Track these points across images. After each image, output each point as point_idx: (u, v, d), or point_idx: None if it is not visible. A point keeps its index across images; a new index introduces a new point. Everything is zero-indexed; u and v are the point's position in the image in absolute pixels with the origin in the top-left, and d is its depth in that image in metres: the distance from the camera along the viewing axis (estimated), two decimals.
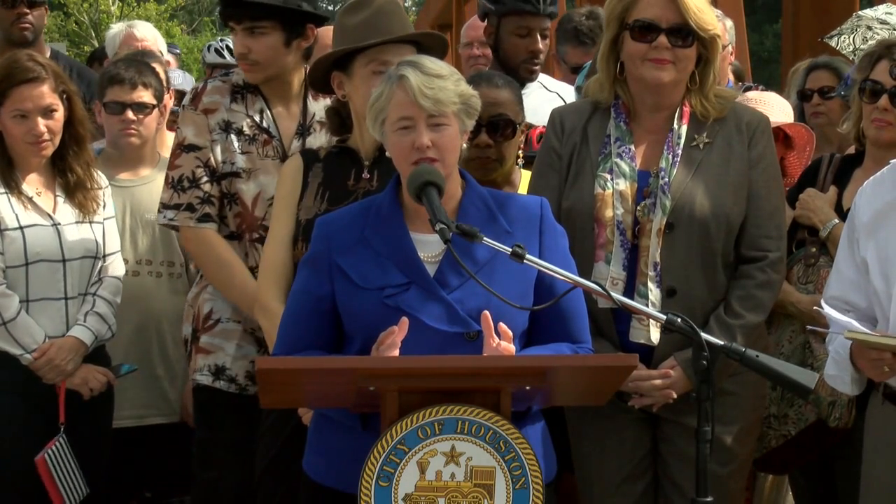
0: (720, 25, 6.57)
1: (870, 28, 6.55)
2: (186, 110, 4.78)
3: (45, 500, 4.70)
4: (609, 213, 4.03)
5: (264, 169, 4.68)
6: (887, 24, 6.55)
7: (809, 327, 4.08)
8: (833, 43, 6.63)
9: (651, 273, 4.00)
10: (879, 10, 6.72)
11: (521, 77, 5.59)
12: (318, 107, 4.71)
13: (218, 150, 4.70)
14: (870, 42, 6.30)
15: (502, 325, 3.39)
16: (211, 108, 4.73)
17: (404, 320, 3.39)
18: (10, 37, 6.64)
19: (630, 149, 4.10)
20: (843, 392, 4.00)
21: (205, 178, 4.71)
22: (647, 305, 3.92)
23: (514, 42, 5.67)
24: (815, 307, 4.09)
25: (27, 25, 6.74)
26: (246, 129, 4.71)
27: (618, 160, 4.08)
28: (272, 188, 4.58)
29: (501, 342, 3.38)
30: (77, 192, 4.83)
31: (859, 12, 6.84)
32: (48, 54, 6.85)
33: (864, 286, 3.89)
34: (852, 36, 6.56)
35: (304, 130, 4.69)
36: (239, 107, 4.73)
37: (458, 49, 6.91)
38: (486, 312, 3.39)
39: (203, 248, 4.75)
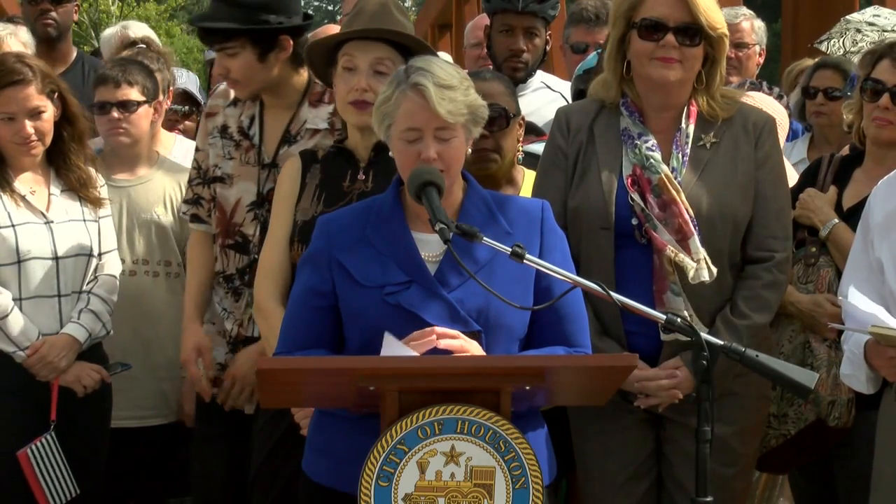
0: (748, 25, 6.61)
1: (859, 31, 6.56)
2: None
3: None
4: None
5: (244, 175, 4.68)
6: (875, 25, 6.55)
7: (831, 325, 4.07)
8: (823, 47, 6.65)
9: None
10: (867, 14, 6.73)
11: (505, 76, 5.58)
12: (315, 114, 4.66)
13: (212, 153, 4.75)
14: (860, 45, 6.31)
15: (436, 329, 3.38)
16: (211, 112, 4.81)
17: (433, 338, 3.38)
18: (34, 32, 6.67)
19: (655, 143, 4.08)
20: (860, 391, 4.00)
21: (197, 181, 4.81)
22: None
23: (499, 40, 5.68)
24: (840, 297, 4.07)
25: (50, 22, 6.79)
26: (235, 134, 4.73)
27: (649, 153, 4.05)
28: (250, 195, 4.61)
29: (451, 343, 3.37)
30: (84, 188, 4.84)
31: (847, 16, 6.85)
32: (74, 55, 6.90)
33: (878, 285, 3.89)
34: (842, 39, 6.57)
35: (289, 138, 4.65)
36: (235, 111, 4.75)
37: (464, 49, 6.91)
38: (433, 336, 3.37)
39: (188, 246, 4.94)
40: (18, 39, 6.01)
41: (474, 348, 3.42)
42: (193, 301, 4.78)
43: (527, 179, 4.53)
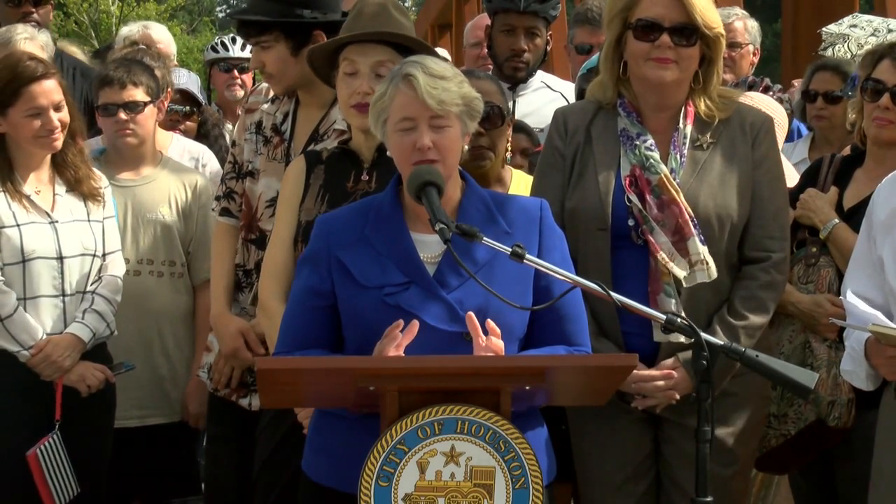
0: (741, 24, 6.61)
1: (858, 41, 6.58)
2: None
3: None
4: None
5: (269, 171, 4.73)
6: (855, 31, 6.58)
7: (832, 320, 4.08)
8: (828, 54, 6.65)
9: None
10: (844, 24, 6.74)
11: (506, 75, 5.59)
12: None
13: (247, 149, 4.81)
14: (866, 47, 6.32)
15: (490, 323, 3.40)
16: (251, 108, 4.89)
17: (414, 324, 3.39)
18: None
19: (654, 143, 4.08)
20: (859, 387, 4.01)
21: (231, 175, 4.86)
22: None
23: (501, 40, 5.70)
24: (840, 297, 4.07)
25: (32, 24, 6.77)
26: (267, 131, 4.78)
27: (648, 153, 4.06)
28: (271, 191, 4.64)
29: (491, 338, 3.38)
30: (81, 185, 4.85)
31: (825, 28, 6.85)
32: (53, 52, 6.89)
33: (880, 282, 3.89)
34: (846, 44, 6.58)
35: (316, 137, 4.69)
36: (271, 108, 4.82)
37: (464, 49, 6.93)
38: (471, 313, 3.40)
39: (213, 239, 4.95)
40: (37, 43, 5.99)
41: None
42: (223, 292, 4.79)
43: (514, 179, 4.55)
